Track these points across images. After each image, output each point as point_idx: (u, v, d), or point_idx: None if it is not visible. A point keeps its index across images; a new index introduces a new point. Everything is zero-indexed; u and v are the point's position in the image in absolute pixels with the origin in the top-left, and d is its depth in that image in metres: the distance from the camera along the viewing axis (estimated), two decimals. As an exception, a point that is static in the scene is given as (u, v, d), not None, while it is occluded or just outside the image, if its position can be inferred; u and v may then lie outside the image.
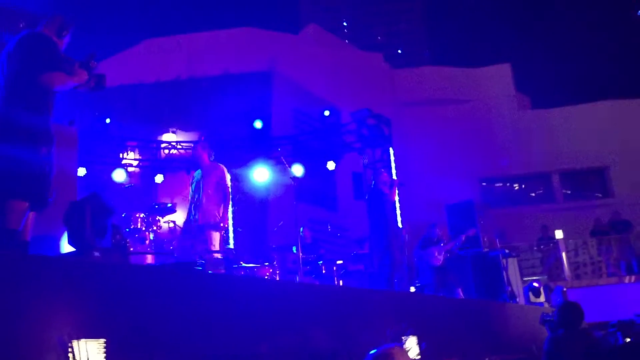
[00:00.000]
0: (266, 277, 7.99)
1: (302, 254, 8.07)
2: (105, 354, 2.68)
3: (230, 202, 6.93)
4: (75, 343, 2.59)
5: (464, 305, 7.70)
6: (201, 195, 6.64)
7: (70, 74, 4.09)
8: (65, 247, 4.32)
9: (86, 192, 4.36)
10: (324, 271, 9.21)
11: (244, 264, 8.35)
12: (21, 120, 3.81)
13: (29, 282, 2.62)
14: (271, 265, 8.67)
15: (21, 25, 4.41)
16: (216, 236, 6.51)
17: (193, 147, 6.86)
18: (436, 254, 9.17)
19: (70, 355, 2.56)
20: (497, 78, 19.92)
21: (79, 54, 4.26)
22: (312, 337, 4.10)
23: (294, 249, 8.80)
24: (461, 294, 9.15)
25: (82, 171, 10.06)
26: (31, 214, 3.93)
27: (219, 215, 6.58)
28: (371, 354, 2.77)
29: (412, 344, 4.70)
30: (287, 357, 3.61)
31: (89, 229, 3.97)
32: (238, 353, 3.42)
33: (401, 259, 10.01)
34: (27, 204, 3.80)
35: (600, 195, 19.13)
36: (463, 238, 9.52)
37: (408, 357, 2.80)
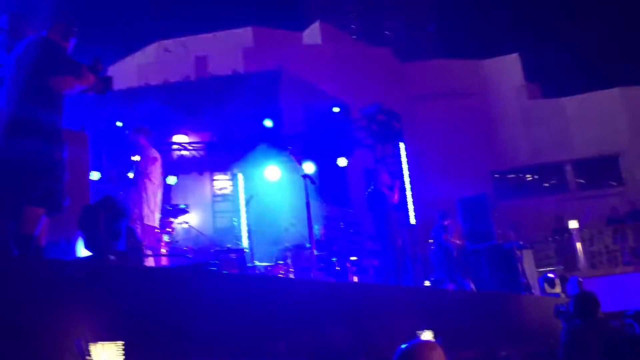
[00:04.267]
0: (280, 275, 8.02)
1: (316, 252, 8.07)
2: (123, 356, 2.70)
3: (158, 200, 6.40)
4: (92, 346, 2.61)
5: (479, 298, 7.67)
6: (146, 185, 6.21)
7: (78, 78, 4.12)
8: (81, 252, 4.35)
9: (99, 196, 4.39)
10: (338, 268, 9.23)
11: (258, 263, 8.38)
12: (33, 125, 3.85)
13: (46, 286, 2.65)
14: (285, 264, 8.70)
15: (29, 31, 4.45)
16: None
17: (130, 134, 6.58)
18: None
19: (88, 358, 2.58)
20: (506, 68, 19.77)
21: (88, 58, 4.29)
22: (328, 334, 4.10)
23: (307, 244, 8.82)
24: (472, 285, 9.15)
25: (95, 175, 10.11)
26: (46, 219, 3.96)
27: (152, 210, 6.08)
28: (401, 348, 2.67)
29: (427, 339, 4.70)
30: (304, 354, 3.62)
31: (103, 232, 4.00)
32: (256, 352, 3.43)
33: (414, 254, 9.98)
34: (42, 210, 3.83)
35: (614, 183, 18.94)
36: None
37: (441, 352, 2.69)
